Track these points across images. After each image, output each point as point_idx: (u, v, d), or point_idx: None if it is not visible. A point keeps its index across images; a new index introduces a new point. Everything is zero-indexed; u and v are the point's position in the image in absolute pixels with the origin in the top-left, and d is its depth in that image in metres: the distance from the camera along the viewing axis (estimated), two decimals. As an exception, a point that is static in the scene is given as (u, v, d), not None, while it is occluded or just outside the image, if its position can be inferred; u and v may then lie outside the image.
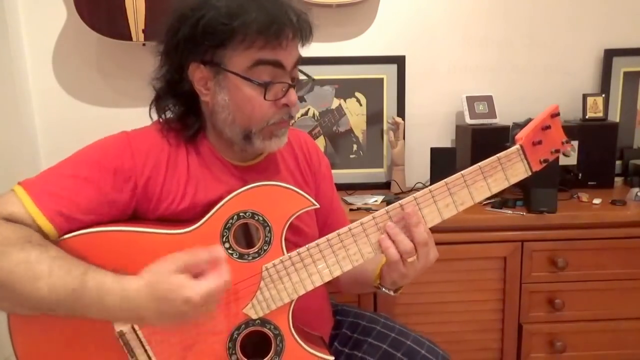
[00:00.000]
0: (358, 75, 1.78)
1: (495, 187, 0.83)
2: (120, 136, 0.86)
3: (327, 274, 0.83)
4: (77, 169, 0.80)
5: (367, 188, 1.79)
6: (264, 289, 0.82)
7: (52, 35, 1.72)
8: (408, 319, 1.45)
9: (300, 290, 0.83)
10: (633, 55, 1.80)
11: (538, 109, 1.82)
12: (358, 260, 0.82)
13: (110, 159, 0.82)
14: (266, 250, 0.82)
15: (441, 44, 1.81)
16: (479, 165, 0.83)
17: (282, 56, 0.83)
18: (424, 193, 0.82)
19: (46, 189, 0.77)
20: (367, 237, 0.82)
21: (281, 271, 0.82)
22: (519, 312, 1.47)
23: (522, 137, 0.83)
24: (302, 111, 1.78)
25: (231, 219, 0.81)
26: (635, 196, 1.52)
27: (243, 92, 0.83)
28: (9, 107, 1.61)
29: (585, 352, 1.50)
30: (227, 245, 0.81)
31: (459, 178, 0.83)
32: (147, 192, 0.84)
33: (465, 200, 0.83)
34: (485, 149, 1.62)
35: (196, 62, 0.83)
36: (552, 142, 0.86)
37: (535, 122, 0.85)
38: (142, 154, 0.84)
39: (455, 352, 1.49)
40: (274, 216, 0.83)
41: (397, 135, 1.73)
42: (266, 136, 0.87)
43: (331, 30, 1.78)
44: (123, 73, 1.73)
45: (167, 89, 0.89)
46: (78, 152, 0.84)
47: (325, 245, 0.82)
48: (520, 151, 0.82)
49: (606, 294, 1.47)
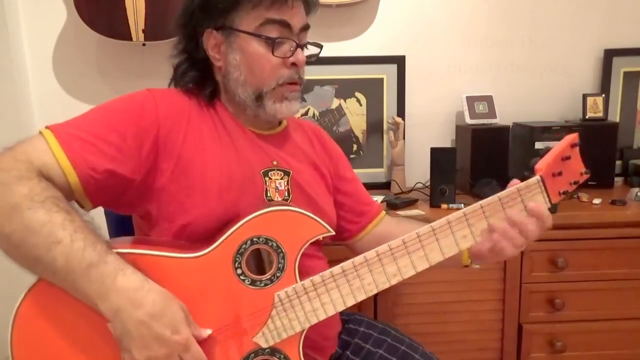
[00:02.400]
0: (358, 75, 1.78)
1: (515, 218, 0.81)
2: (143, 91, 0.88)
3: (341, 303, 0.81)
4: (104, 117, 0.82)
5: (367, 188, 1.74)
6: (276, 317, 0.80)
7: (52, 35, 1.72)
8: (408, 319, 1.46)
9: (312, 319, 0.80)
10: (633, 55, 1.80)
11: (538, 109, 1.86)
12: (372, 291, 0.81)
13: (135, 108, 0.84)
14: (279, 277, 0.80)
15: (441, 44, 1.81)
16: (499, 196, 0.81)
17: (289, 16, 0.88)
18: (441, 224, 0.80)
19: (74, 133, 0.78)
20: (382, 267, 0.80)
21: (294, 300, 0.80)
22: (519, 312, 1.47)
23: (542, 168, 0.81)
24: (302, 111, 1.78)
25: (244, 244, 0.79)
26: (635, 196, 1.52)
27: (253, 49, 0.88)
28: (9, 107, 1.61)
29: (585, 352, 1.50)
30: (239, 271, 0.79)
31: (478, 209, 0.80)
32: (168, 142, 0.84)
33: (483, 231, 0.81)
34: (486, 149, 1.65)
35: (210, 28, 0.89)
36: (572, 173, 0.84)
37: (555, 152, 0.83)
38: (165, 104, 0.86)
39: (455, 352, 1.50)
40: (288, 242, 0.80)
41: (397, 135, 1.73)
42: (277, 98, 0.90)
43: (331, 30, 1.78)
44: (123, 73, 1.73)
45: (185, 60, 0.94)
46: (104, 103, 0.85)
47: (340, 275, 0.80)
48: (540, 182, 0.80)
49: (606, 294, 1.47)
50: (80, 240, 0.69)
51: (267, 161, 0.93)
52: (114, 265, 0.71)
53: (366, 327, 1.04)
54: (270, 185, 0.91)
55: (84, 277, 0.69)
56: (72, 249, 0.69)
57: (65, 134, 0.77)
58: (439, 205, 1.52)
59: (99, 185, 0.78)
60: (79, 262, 0.69)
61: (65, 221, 0.70)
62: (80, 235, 0.70)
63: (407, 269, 0.81)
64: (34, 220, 0.68)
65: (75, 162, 0.75)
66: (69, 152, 0.75)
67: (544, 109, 1.85)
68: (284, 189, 0.93)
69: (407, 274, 0.81)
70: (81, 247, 0.69)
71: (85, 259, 0.69)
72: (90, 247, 0.70)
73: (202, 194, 0.85)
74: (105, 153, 0.78)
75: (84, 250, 0.69)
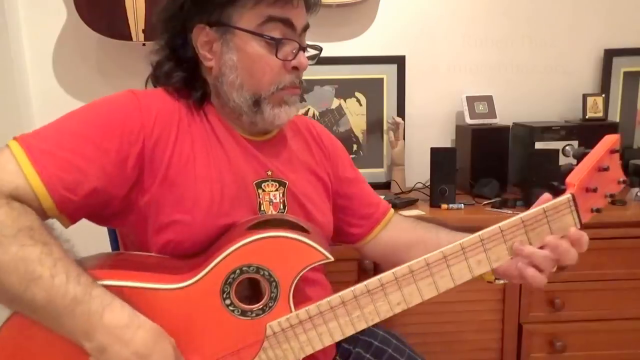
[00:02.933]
0: (358, 75, 1.78)
1: (537, 242, 0.72)
2: (126, 94, 0.80)
3: (339, 333, 0.75)
4: (81, 128, 0.74)
5: (367, 188, 1.79)
6: (268, 349, 0.74)
7: (52, 35, 1.72)
8: (408, 319, 1.45)
9: (308, 350, 0.75)
10: (633, 55, 1.80)
11: (538, 109, 1.86)
12: (374, 320, 0.75)
13: (117, 118, 0.76)
14: (271, 307, 0.74)
15: (441, 44, 1.81)
16: (521, 218, 0.71)
17: (293, 15, 0.81)
18: (454, 249, 0.72)
19: (46, 149, 0.70)
20: (385, 296, 0.74)
21: (288, 331, 0.74)
22: (519, 312, 1.46)
23: (575, 184, 0.69)
24: (302, 111, 1.78)
25: (233, 273, 0.73)
26: (635, 196, 1.52)
27: (253, 50, 0.80)
28: (9, 107, 1.61)
29: (585, 352, 1.49)
30: (227, 302, 0.73)
31: (497, 232, 0.72)
32: (154, 156, 0.77)
33: (500, 256, 0.73)
34: (486, 149, 1.65)
35: (202, 23, 0.80)
36: (608, 185, 0.73)
37: (591, 163, 0.71)
38: (151, 112, 0.78)
39: (455, 352, 1.49)
40: (282, 271, 0.74)
41: (397, 135, 1.73)
42: (276, 103, 0.83)
43: (331, 30, 1.78)
44: (123, 73, 1.73)
45: (168, 57, 0.85)
46: (80, 108, 0.78)
47: (339, 305, 0.74)
48: (571, 202, 0.70)
49: (606, 294, 1.47)
50: (62, 274, 0.64)
51: (261, 171, 0.86)
52: (100, 300, 0.65)
53: (367, 334, 1.00)
54: (264, 198, 0.85)
55: (68, 314, 0.64)
56: (53, 285, 0.63)
57: (37, 151, 0.69)
58: (439, 205, 1.52)
59: (77, 205, 0.72)
60: (62, 297, 0.63)
61: (42, 255, 0.64)
62: (61, 268, 0.64)
63: (412, 297, 0.75)
64: (5, 260, 0.62)
65: (49, 184, 0.68)
66: (43, 174, 0.68)
67: (544, 109, 1.85)
68: (278, 201, 0.86)
69: (412, 302, 0.75)
70: (64, 282, 0.63)
71: (69, 293, 0.63)
72: (73, 281, 0.64)
73: (190, 209, 0.78)
74: (81, 170, 0.71)
75: (67, 285, 0.64)
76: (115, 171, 0.74)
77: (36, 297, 0.63)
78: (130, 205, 0.78)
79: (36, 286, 0.63)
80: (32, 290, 0.63)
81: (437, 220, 1.07)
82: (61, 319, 0.64)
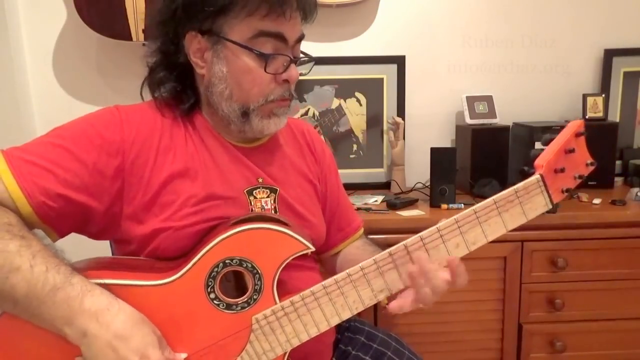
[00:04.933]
0: (358, 75, 1.78)
1: (512, 223, 0.75)
2: (109, 109, 0.82)
3: (324, 323, 0.76)
4: (62, 140, 0.75)
5: (367, 188, 1.79)
6: (255, 341, 0.75)
7: (52, 35, 1.72)
8: (408, 319, 1.45)
9: (294, 341, 0.76)
10: (633, 55, 1.79)
11: (538, 109, 1.86)
12: (358, 308, 0.76)
13: (97, 131, 0.77)
14: (256, 299, 0.75)
15: (441, 44, 1.81)
16: (494, 199, 0.74)
17: (285, 29, 0.79)
18: (431, 233, 0.74)
19: (26, 158, 0.72)
20: (367, 282, 0.75)
21: (273, 322, 0.75)
22: (519, 312, 1.46)
23: (543, 164, 0.73)
24: (302, 111, 1.78)
25: (216, 267, 0.74)
26: (635, 196, 1.52)
27: (242, 63, 0.79)
28: (9, 107, 1.61)
29: (585, 352, 1.50)
30: (212, 295, 0.74)
31: (471, 215, 0.74)
32: (134, 170, 0.78)
33: (477, 239, 0.75)
34: (486, 149, 1.65)
35: (194, 31, 0.80)
36: (576, 166, 0.76)
37: (558, 145, 0.74)
38: (132, 126, 0.79)
39: (455, 352, 1.50)
40: (264, 262, 0.75)
41: (397, 135, 1.73)
42: (265, 114, 0.83)
43: (331, 30, 1.78)
44: (123, 73, 1.73)
45: (161, 62, 0.85)
46: (65, 124, 0.79)
47: (321, 293, 0.75)
48: (540, 182, 0.73)
49: (606, 294, 1.47)
50: (41, 264, 0.65)
51: (252, 179, 0.86)
52: (80, 287, 0.66)
53: (367, 337, 1.00)
54: (256, 205, 0.85)
55: (48, 302, 0.65)
56: (32, 274, 0.64)
57: (17, 160, 0.72)
58: (439, 206, 1.52)
59: (57, 213, 0.73)
60: (42, 286, 0.65)
61: (21, 247, 0.65)
62: (40, 259, 0.66)
63: (394, 283, 0.76)
64: None
65: (27, 190, 0.70)
66: (20, 180, 0.70)
67: (544, 109, 1.85)
68: (270, 207, 0.87)
69: (395, 288, 0.76)
70: (43, 271, 0.65)
71: (49, 282, 0.65)
72: (53, 270, 0.66)
73: (178, 220, 0.79)
74: (59, 178, 0.72)
75: (47, 273, 0.65)
76: (93, 182, 0.75)
77: (16, 287, 0.64)
78: (115, 219, 0.79)
79: (15, 277, 0.64)
80: (11, 280, 0.64)
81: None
82: (41, 308, 0.65)
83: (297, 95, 1.76)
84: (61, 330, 0.66)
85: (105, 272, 0.74)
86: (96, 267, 0.77)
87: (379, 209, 1.52)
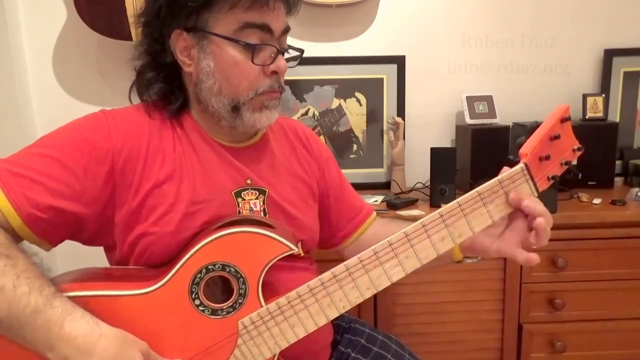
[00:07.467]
0: (358, 75, 1.78)
1: (497, 213, 0.74)
2: (96, 114, 0.81)
3: (311, 324, 0.75)
4: (49, 150, 0.75)
5: (367, 188, 1.79)
6: (242, 345, 0.75)
7: (52, 35, 1.72)
8: (408, 319, 1.46)
9: (282, 343, 0.76)
10: (633, 55, 1.79)
11: (538, 109, 1.86)
12: (345, 307, 0.75)
13: (85, 137, 0.76)
14: (242, 303, 0.74)
15: (441, 44, 1.81)
16: (478, 190, 0.73)
17: (270, 19, 0.79)
18: (415, 228, 0.73)
19: (14, 171, 0.72)
20: (353, 281, 0.74)
21: (260, 325, 0.75)
22: (519, 312, 1.47)
23: (527, 153, 0.71)
24: (302, 111, 1.78)
25: (199, 273, 0.73)
26: (635, 196, 1.52)
27: (229, 56, 0.79)
28: (9, 107, 1.61)
29: (585, 352, 1.50)
30: (197, 302, 0.74)
31: (456, 207, 0.73)
32: (124, 175, 0.77)
33: (463, 231, 0.73)
34: (486, 149, 1.65)
35: (179, 29, 0.79)
36: (562, 152, 0.74)
37: (543, 132, 0.73)
38: (120, 131, 0.78)
39: (455, 352, 1.50)
40: (248, 266, 0.74)
41: (397, 135, 1.73)
42: (256, 108, 0.82)
43: (331, 30, 1.77)
44: (123, 73, 1.72)
45: (148, 64, 0.84)
46: (51, 132, 0.78)
47: (307, 294, 0.74)
48: (524, 170, 0.72)
49: (606, 294, 1.47)
50: (24, 285, 0.64)
51: (240, 180, 0.85)
52: (61, 310, 0.65)
53: (367, 339, 1.00)
54: (244, 206, 0.84)
55: (30, 325, 0.64)
56: (15, 296, 0.63)
57: (5, 172, 0.71)
58: (439, 205, 1.49)
59: (48, 225, 0.73)
60: (24, 308, 0.63)
61: (5, 267, 0.65)
62: (23, 280, 0.64)
63: (380, 280, 0.74)
64: None
65: (16, 202, 0.70)
66: (9, 193, 0.70)
67: (544, 109, 1.82)
68: (259, 209, 0.86)
69: (381, 286, 0.75)
70: (26, 292, 0.64)
71: (30, 304, 0.64)
72: (36, 292, 0.64)
73: (163, 225, 0.78)
74: (49, 189, 0.72)
75: (29, 295, 0.64)
76: (83, 189, 0.75)
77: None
78: (107, 224, 0.79)
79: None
80: None
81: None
82: (23, 330, 0.64)
83: (297, 96, 1.76)
84: (44, 354, 0.65)
85: (85, 283, 0.74)
86: (81, 279, 0.76)
87: (379, 209, 1.52)
